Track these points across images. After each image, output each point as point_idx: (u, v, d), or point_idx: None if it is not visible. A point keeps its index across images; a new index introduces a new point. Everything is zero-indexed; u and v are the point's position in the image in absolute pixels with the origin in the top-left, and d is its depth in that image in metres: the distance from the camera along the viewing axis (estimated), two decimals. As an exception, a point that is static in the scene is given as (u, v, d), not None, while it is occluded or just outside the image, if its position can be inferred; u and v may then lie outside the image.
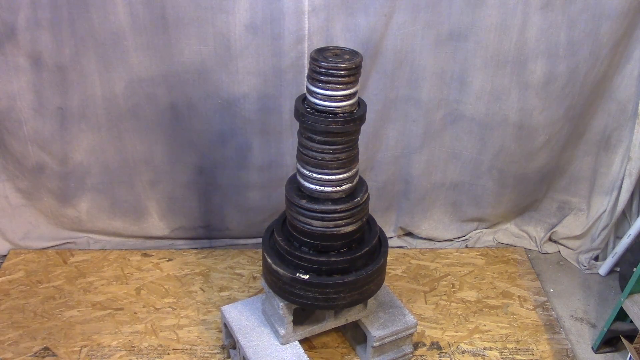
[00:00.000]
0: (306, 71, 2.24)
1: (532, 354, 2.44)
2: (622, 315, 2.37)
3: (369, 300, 2.24)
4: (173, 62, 2.48)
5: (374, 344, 2.26)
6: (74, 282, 2.71)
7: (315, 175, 2.02)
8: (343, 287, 2.08)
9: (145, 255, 2.90)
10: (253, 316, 2.31)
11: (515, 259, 2.98)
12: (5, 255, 2.86)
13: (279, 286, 2.12)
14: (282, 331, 2.20)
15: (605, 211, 2.93)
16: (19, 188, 2.80)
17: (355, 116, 1.94)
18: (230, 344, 2.37)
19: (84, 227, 2.91)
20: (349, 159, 2.02)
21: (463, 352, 2.44)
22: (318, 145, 1.97)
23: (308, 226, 2.06)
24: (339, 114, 1.93)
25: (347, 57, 1.91)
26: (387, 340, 2.27)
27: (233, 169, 2.78)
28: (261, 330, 2.26)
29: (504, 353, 2.45)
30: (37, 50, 2.42)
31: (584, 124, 2.81)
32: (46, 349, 2.39)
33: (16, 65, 2.46)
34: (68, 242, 2.92)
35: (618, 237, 2.95)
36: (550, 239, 3.10)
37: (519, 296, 2.74)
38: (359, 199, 2.08)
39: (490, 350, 2.46)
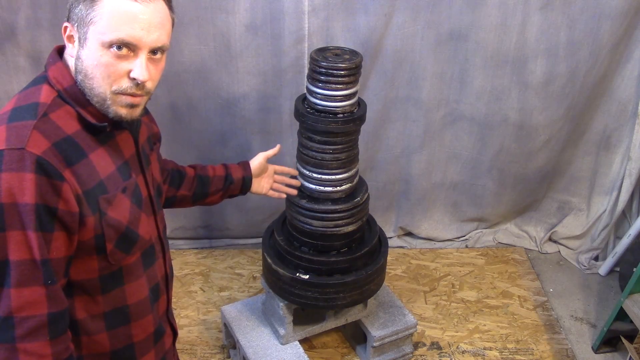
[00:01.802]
0: (306, 71, 2.23)
1: (532, 354, 2.44)
2: (622, 315, 2.37)
3: (369, 300, 2.24)
4: (173, 62, 2.48)
5: (374, 344, 2.26)
6: (74, 282, 2.71)
7: (315, 175, 2.02)
8: (343, 287, 2.08)
9: (145, 255, 2.90)
10: (253, 316, 2.31)
11: (515, 259, 2.98)
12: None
13: (279, 286, 2.12)
14: (282, 331, 2.20)
15: (605, 211, 2.93)
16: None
17: (355, 116, 1.95)
18: (230, 344, 2.37)
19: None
20: (349, 159, 2.02)
21: (463, 352, 2.44)
22: (318, 145, 1.97)
23: (308, 226, 2.06)
24: (339, 114, 1.93)
25: (347, 57, 1.91)
26: (387, 340, 2.27)
27: (233, 169, 2.78)
28: (261, 330, 2.26)
29: (504, 353, 2.45)
30: (37, 50, 2.42)
31: (584, 124, 2.81)
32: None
33: (16, 65, 2.46)
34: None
35: (618, 237, 2.95)
36: (550, 239, 3.10)
37: (519, 296, 2.74)
38: (359, 199, 2.08)
39: (490, 350, 2.46)
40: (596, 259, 2.99)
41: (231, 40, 2.44)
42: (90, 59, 1.19)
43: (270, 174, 2.01)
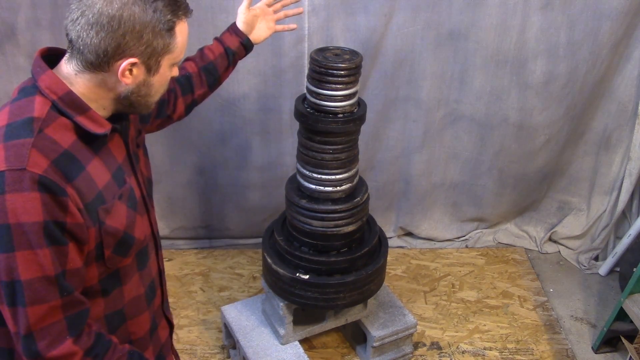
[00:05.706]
0: (306, 71, 2.23)
1: (532, 354, 2.44)
2: (622, 315, 2.37)
3: (369, 300, 2.24)
4: (173, 62, 2.48)
5: (374, 344, 2.26)
6: (74, 282, 2.71)
7: (315, 175, 2.02)
8: (343, 287, 2.08)
9: (145, 255, 2.90)
10: (253, 316, 2.31)
11: (515, 259, 2.98)
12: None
13: (279, 286, 2.12)
14: (282, 331, 2.20)
15: (605, 211, 2.93)
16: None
17: (355, 116, 1.95)
18: (230, 344, 2.37)
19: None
20: (349, 159, 2.02)
21: (463, 352, 2.44)
22: (318, 145, 1.97)
23: (308, 226, 2.06)
24: (339, 114, 1.93)
25: (347, 57, 1.91)
26: (387, 340, 2.27)
27: (233, 169, 2.78)
28: (261, 330, 2.26)
29: (504, 353, 2.45)
30: (37, 50, 2.42)
31: (584, 124, 2.81)
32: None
33: (16, 65, 2.46)
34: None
35: (618, 237, 2.95)
36: (550, 239, 3.10)
37: (519, 296, 2.74)
38: (359, 199, 2.08)
39: (490, 350, 2.46)
40: (596, 259, 2.99)
41: (231, 40, 2.43)
42: (159, 81, 1.29)
43: (265, 14, 1.89)
